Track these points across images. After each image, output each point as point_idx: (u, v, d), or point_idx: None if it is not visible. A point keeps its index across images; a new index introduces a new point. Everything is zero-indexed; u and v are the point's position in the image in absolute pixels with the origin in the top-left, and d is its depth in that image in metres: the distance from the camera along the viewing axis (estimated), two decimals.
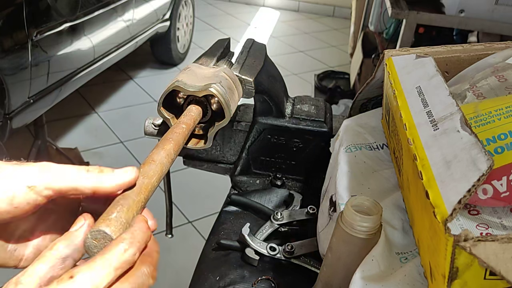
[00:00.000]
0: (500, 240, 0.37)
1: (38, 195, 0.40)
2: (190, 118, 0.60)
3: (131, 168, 0.44)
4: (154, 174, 0.46)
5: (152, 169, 0.47)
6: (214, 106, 0.67)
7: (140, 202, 0.43)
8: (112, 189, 0.42)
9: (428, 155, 0.47)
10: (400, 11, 1.92)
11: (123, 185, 0.43)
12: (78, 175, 0.41)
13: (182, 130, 0.56)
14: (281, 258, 0.71)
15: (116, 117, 3.09)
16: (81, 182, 0.41)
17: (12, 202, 0.40)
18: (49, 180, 0.40)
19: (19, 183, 0.40)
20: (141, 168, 0.46)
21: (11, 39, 1.89)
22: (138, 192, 0.43)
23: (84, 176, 0.41)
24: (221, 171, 0.96)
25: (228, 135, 0.92)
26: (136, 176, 0.44)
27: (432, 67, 0.61)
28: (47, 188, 0.40)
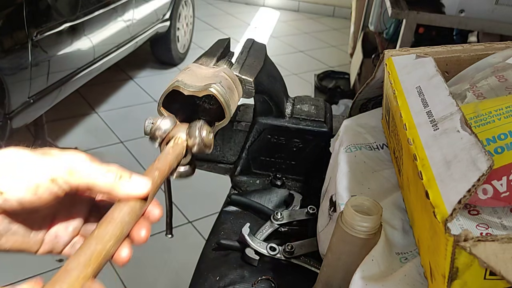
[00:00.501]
0: (500, 240, 0.37)
1: (59, 188, 0.42)
2: (165, 162, 0.52)
3: (146, 182, 0.45)
4: (110, 238, 0.40)
5: (109, 231, 0.40)
6: (214, 106, 0.67)
7: (86, 277, 0.37)
8: (124, 196, 0.44)
9: (428, 155, 0.47)
10: (400, 11, 1.92)
11: (134, 196, 0.44)
12: (96, 175, 0.43)
13: (154, 179, 0.47)
14: (281, 258, 0.71)
15: (116, 117, 3.09)
16: (96, 184, 0.43)
17: (36, 192, 0.42)
18: (67, 177, 0.43)
19: (44, 174, 0.42)
20: (96, 229, 0.41)
21: (11, 39, 1.89)
22: (86, 264, 0.38)
23: (101, 178, 0.43)
24: (221, 171, 0.96)
25: (228, 135, 0.92)
26: (148, 192, 0.44)
27: (432, 67, 0.61)
28: (66, 183, 0.43)
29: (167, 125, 0.58)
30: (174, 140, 0.57)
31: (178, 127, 0.58)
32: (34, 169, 0.42)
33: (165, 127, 0.57)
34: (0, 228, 0.44)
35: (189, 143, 0.57)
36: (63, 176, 0.42)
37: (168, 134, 0.57)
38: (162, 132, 0.57)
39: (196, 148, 0.57)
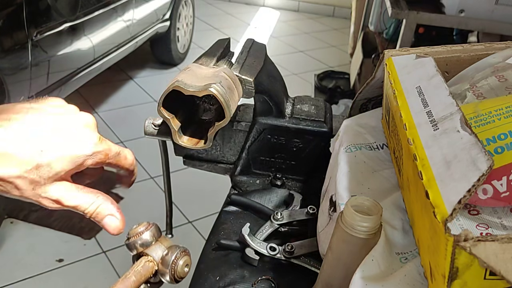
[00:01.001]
0: (500, 240, 0.37)
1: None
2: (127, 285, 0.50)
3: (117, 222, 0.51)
4: None
5: None
6: (214, 106, 0.67)
7: None
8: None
9: (428, 155, 0.47)
10: (400, 11, 1.92)
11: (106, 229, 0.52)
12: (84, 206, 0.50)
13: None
14: (281, 258, 0.71)
15: (116, 117, 3.09)
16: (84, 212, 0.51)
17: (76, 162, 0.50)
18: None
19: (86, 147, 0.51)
20: None
21: (11, 39, 1.89)
22: None
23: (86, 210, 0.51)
24: (221, 171, 0.96)
25: (228, 135, 0.92)
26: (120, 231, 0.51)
27: (432, 67, 0.61)
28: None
29: (147, 238, 0.55)
30: (145, 261, 0.54)
31: (158, 245, 0.55)
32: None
33: (145, 239, 0.55)
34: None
35: (160, 268, 0.54)
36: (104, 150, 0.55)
37: (144, 250, 0.55)
38: (139, 244, 0.54)
39: (166, 278, 0.55)
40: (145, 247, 0.54)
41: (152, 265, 0.54)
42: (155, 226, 0.56)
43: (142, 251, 0.54)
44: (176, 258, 0.55)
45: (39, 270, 1.89)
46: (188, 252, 0.56)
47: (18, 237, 2.09)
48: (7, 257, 1.99)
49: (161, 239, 0.56)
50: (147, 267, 0.53)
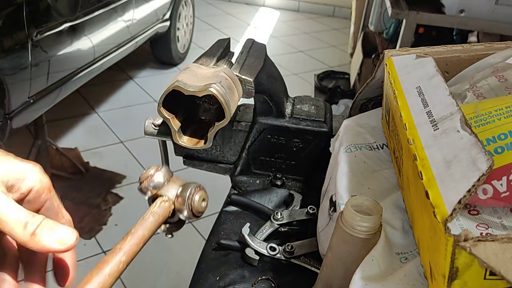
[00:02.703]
0: (500, 240, 0.37)
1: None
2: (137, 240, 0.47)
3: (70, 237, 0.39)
4: None
5: None
6: (214, 106, 0.67)
7: None
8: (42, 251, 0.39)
9: (428, 155, 0.47)
10: (400, 11, 1.92)
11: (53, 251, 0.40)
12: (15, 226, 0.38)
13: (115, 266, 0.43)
14: (281, 258, 0.71)
15: (116, 117, 3.09)
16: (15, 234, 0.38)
17: None
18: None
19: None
20: None
21: (11, 39, 1.89)
22: None
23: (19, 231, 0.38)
24: (221, 171, 0.96)
25: (228, 135, 0.92)
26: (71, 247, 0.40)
27: (432, 67, 0.61)
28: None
29: (160, 179, 0.53)
30: (160, 202, 0.52)
31: (171, 185, 0.54)
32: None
33: (157, 180, 0.53)
34: None
35: (177, 206, 0.53)
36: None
37: (158, 191, 0.53)
38: (152, 187, 0.53)
39: (184, 215, 0.54)
40: (159, 189, 0.53)
41: (169, 204, 0.52)
42: (165, 167, 0.54)
43: (156, 193, 0.53)
44: (191, 193, 0.52)
45: None
46: (203, 187, 0.54)
47: None
48: None
49: (173, 178, 0.54)
50: (163, 207, 0.51)
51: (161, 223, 0.51)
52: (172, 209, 0.52)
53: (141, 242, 0.47)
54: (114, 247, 0.44)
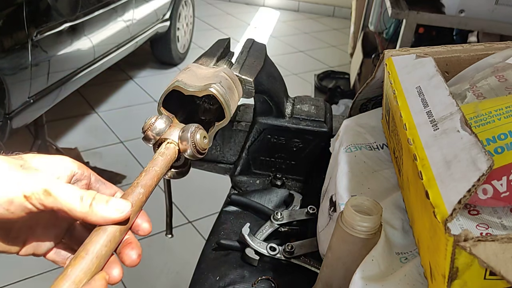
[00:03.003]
0: (500, 240, 0.37)
1: (33, 205, 0.41)
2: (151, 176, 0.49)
3: (125, 206, 0.43)
4: (84, 276, 0.39)
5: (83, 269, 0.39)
6: (214, 106, 0.67)
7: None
8: (101, 222, 0.42)
9: (428, 155, 0.47)
10: (400, 11, 1.92)
11: (112, 221, 0.42)
12: (71, 201, 0.41)
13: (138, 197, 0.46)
14: (281, 258, 0.71)
15: (116, 117, 3.09)
16: (72, 209, 0.41)
17: (8, 208, 0.41)
18: (43, 198, 0.41)
19: (18, 190, 0.40)
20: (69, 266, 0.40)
21: (11, 39, 1.89)
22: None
23: (76, 204, 0.41)
24: (221, 171, 0.96)
25: (228, 135, 0.92)
26: (128, 215, 0.43)
27: (432, 67, 0.61)
28: (40, 204, 0.41)
29: (161, 125, 0.56)
30: (166, 144, 0.55)
31: (172, 129, 0.56)
32: (9, 183, 0.41)
33: (159, 127, 0.56)
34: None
35: (181, 147, 0.55)
36: (38, 196, 0.41)
37: (161, 136, 0.55)
38: (155, 134, 0.55)
39: (188, 153, 0.55)
40: (162, 134, 0.55)
41: (173, 146, 0.55)
42: (165, 116, 0.58)
43: (159, 139, 0.55)
44: (192, 133, 0.55)
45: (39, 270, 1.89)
46: (202, 127, 0.57)
47: None
48: (7, 257, 1.99)
49: (173, 124, 0.57)
50: (169, 148, 0.54)
51: (169, 163, 0.53)
52: (177, 150, 0.55)
53: (155, 177, 0.49)
54: (132, 183, 0.47)
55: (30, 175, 0.42)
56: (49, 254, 0.49)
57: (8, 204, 0.40)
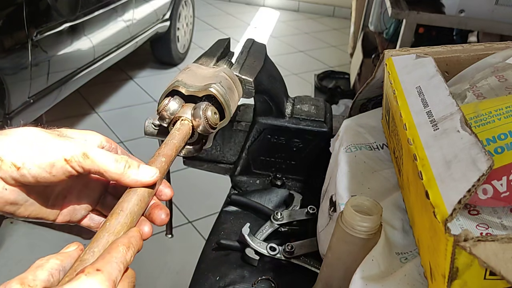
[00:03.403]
0: (500, 240, 0.37)
1: (72, 168, 0.45)
2: (171, 147, 0.54)
3: (153, 171, 0.47)
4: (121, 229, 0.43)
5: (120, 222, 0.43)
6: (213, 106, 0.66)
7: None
8: (132, 184, 0.46)
9: (428, 155, 0.47)
10: (400, 11, 1.92)
11: (142, 184, 0.47)
12: (107, 163, 0.46)
13: (161, 165, 0.50)
14: (281, 258, 0.71)
15: (116, 117, 3.09)
16: (107, 170, 0.46)
17: (51, 171, 0.45)
18: (82, 160, 0.45)
19: (59, 154, 0.45)
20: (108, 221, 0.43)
21: (11, 39, 1.89)
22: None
23: (112, 166, 0.46)
24: (221, 171, 0.96)
25: (228, 135, 0.92)
26: (156, 179, 0.47)
27: (432, 67, 0.61)
28: (79, 166, 0.45)
29: (174, 106, 0.61)
30: (180, 121, 0.60)
31: (185, 108, 0.62)
32: (50, 149, 0.45)
33: (172, 108, 0.61)
34: (19, 198, 0.47)
35: (194, 123, 0.60)
36: (77, 158, 0.45)
37: (175, 116, 0.61)
38: (170, 113, 0.61)
39: (201, 128, 0.60)
40: (176, 113, 0.61)
41: (187, 122, 0.60)
42: (178, 97, 0.63)
43: (174, 118, 0.61)
44: (203, 110, 0.60)
45: None
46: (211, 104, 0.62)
47: (18, 237, 2.09)
48: (7, 257, 1.99)
49: (185, 104, 0.63)
50: (184, 124, 0.59)
51: (185, 138, 0.59)
52: (191, 126, 0.60)
53: (174, 148, 0.54)
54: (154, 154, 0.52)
55: (68, 141, 0.46)
56: (83, 221, 0.54)
57: (50, 167, 0.44)
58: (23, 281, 0.36)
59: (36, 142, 0.45)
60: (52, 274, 0.38)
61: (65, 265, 0.40)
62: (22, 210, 0.48)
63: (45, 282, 0.37)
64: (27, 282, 0.36)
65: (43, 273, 0.38)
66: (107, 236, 0.42)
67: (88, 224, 0.54)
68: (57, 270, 0.39)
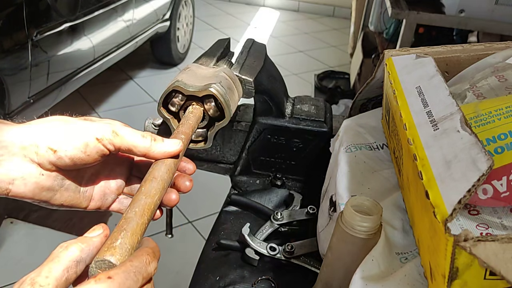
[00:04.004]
0: (500, 240, 0.37)
1: (105, 146, 0.48)
2: (188, 126, 0.58)
3: (177, 142, 0.51)
4: (156, 193, 0.46)
5: (154, 187, 0.46)
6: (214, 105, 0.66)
7: (143, 224, 0.43)
8: (159, 156, 0.49)
9: (428, 155, 0.47)
10: (400, 11, 1.92)
11: (169, 154, 0.50)
12: (136, 139, 0.49)
13: (182, 141, 0.54)
14: (281, 258, 0.71)
15: (116, 117, 3.05)
16: (136, 145, 0.49)
17: (85, 150, 0.47)
18: (112, 137, 0.48)
19: (91, 135, 0.47)
20: (142, 186, 0.46)
21: (11, 39, 1.89)
22: (142, 214, 0.43)
23: (139, 141, 0.49)
24: (221, 171, 0.96)
25: (228, 135, 0.92)
26: (180, 149, 0.51)
27: (432, 67, 0.61)
28: (110, 143, 0.48)
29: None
30: (192, 106, 0.63)
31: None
32: (82, 130, 0.48)
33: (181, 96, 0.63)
34: (55, 184, 0.49)
35: (206, 107, 0.63)
36: (108, 136, 0.48)
37: (186, 101, 0.63)
38: (180, 99, 0.63)
39: (212, 111, 0.63)
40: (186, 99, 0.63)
41: (199, 107, 0.63)
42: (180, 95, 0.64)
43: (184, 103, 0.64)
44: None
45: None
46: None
47: (18, 237, 2.09)
48: (7, 257, 1.99)
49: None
50: (195, 108, 0.62)
51: (198, 120, 0.62)
52: (203, 110, 0.63)
53: (190, 127, 0.58)
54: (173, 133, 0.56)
55: (96, 123, 0.49)
56: (113, 205, 0.56)
57: (85, 147, 0.47)
58: (33, 281, 0.36)
59: (67, 126, 0.48)
60: (69, 268, 0.38)
61: (85, 255, 0.40)
62: (58, 197, 0.50)
63: (58, 280, 0.37)
64: (38, 282, 0.36)
65: (58, 268, 0.38)
66: (144, 198, 0.44)
67: (118, 208, 0.57)
68: (75, 262, 0.39)
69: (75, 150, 0.47)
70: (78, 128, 0.48)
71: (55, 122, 0.48)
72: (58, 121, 0.49)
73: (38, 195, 0.48)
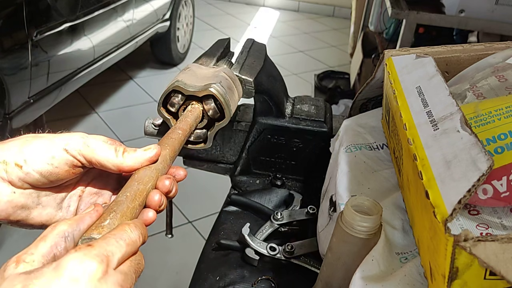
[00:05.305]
0: (500, 240, 0.37)
1: (74, 157, 0.46)
2: (186, 123, 0.59)
3: (153, 146, 0.49)
4: (149, 180, 0.46)
5: (147, 174, 0.47)
6: (213, 106, 0.66)
7: (134, 208, 0.43)
8: (135, 166, 0.48)
9: (428, 155, 0.47)
10: (400, 11, 1.92)
11: (146, 162, 0.48)
12: (107, 154, 0.47)
13: (178, 136, 0.55)
14: (281, 258, 0.71)
15: (116, 117, 3.08)
16: (108, 159, 0.47)
17: (52, 162, 0.46)
18: (82, 148, 0.47)
19: (58, 146, 0.46)
20: (136, 174, 0.47)
21: (11, 39, 1.89)
22: (133, 198, 0.43)
23: (112, 155, 0.47)
24: (221, 171, 0.96)
25: (228, 135, 0.92)
26: (158, 153, 0.49)
27: (432, 67, 0.61)
28: (79, 154, 0.47)
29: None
30: (191, 106, 0.63)
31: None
32: (49, 143, 0.46)
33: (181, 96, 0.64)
34: (29, 201, 0.47)
35: (206, 107, 0.64)
36: (76, 147, 0.46)
37: (186, 101, 0.64)
38: (180, 99, 0.63)
39: (212, 112, 0.64)
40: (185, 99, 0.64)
41: (198, 106, 0.63)
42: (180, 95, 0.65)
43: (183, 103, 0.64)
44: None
45: None
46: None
47: (18, 237, 2.09)
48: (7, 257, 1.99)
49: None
50: (194, 108, 0.63)
51: (197, 119, 0.62)
52: (201, 110, 0.64)
53: (188, 124, 0.59)
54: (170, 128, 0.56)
55: (66, 135, 0.48)
56: None
57: (51, 159, 0.45)
58: (19, 258, 0.36)
59: (35, 141, 0.47)
60: (57, 244, 0.38)
61: (74, 229, 0.39)
62: (35, 215, 0.48)
63: (45, 257, 0.37)
64: (23, 259, 0.36)
65: (45, 245, 0.37)
66: (136, 184, 0.45)
67: None
68: (62, 237, 0.38)
69: (42, 163, 0.45)
70: (46, 141, 0.47)
71: (24, 139, 0.47)
72: (27, 137, 0.47)
73: (13, 215, 0.47)
